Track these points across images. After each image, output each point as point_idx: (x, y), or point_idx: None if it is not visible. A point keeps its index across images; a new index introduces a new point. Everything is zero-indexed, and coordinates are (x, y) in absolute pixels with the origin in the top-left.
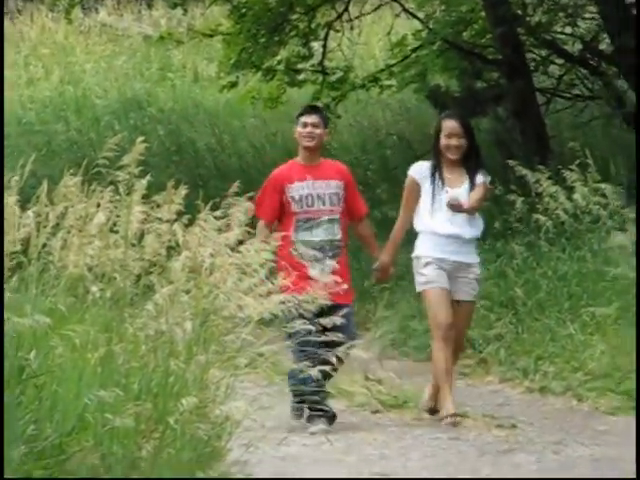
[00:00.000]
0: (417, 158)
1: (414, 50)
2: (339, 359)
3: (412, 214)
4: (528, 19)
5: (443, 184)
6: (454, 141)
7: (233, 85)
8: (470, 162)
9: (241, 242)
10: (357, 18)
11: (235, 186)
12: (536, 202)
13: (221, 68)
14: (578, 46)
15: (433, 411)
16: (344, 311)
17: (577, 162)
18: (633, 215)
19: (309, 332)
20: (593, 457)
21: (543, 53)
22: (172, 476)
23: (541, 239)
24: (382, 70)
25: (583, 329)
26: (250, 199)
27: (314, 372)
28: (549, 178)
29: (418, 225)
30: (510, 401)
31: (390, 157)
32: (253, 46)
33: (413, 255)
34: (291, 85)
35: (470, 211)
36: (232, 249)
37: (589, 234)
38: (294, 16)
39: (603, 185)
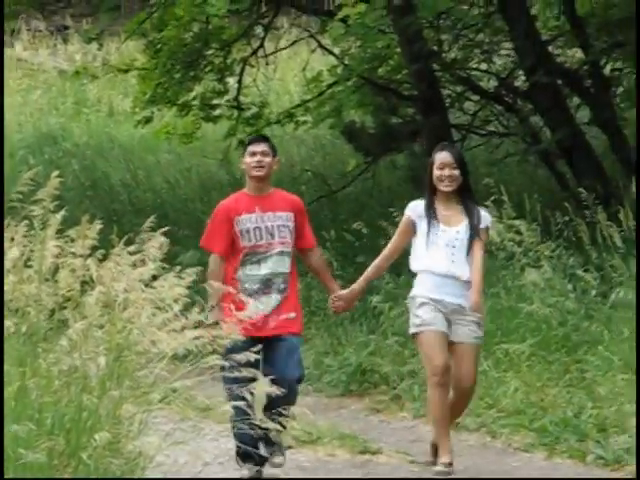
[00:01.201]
0: (332, 193)
1: (329, 86)
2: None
3: (396, 252)
4: (444, 55)
5: (438, 222)
6: (446, 171)
7: (148, 120)
8: (467, 198)
9: (155, 277)
10: (272, 54)
11: (149, 221)
12: None
13: (136, 103)
14: (493, 82)
15: (450, 465)
16: (287, 342)
17: (492, 198)
18: (547, 252)
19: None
20: None
21: (458, 89)
22: None
23: None
24: (297, 106)
25: (497, 366)
26: (165, 234)
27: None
28: None
29: (414, 265)
30: (424, 437)
31: (305, 192)
32: (168, 81)
33: (409, 295)
34: (206, 120)
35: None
36: (146, 284)
37: (503, 271)
38: (209, 52)
39: (518, 222)
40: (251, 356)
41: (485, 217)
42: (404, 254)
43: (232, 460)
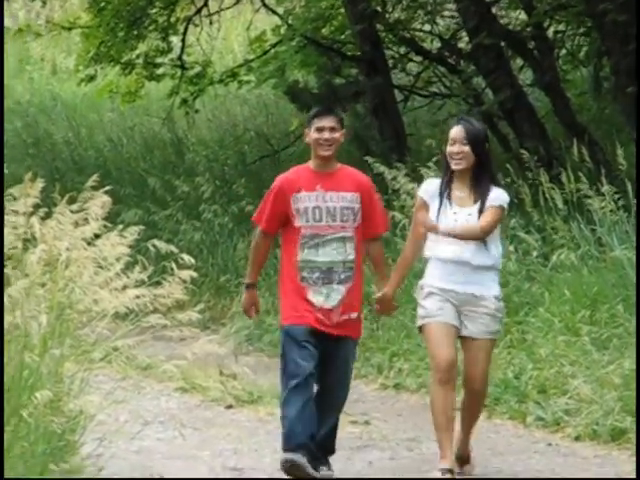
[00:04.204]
0: (275, 153)
1: (273, 46)
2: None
3: (421, 240)
4: (387, 16)
5: (450, 203)
6: (455, 148)
7: (91, 78)
8: (482, 177)
9: (97, 236)
10: (216, 13)
11: (92, 180)
12: (393, 199)
13: (79, 61)
14: (437, 44)
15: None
16: (346, 347)
17: (434, 159)
18: None
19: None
20: None
21: (402, 50)
22: (24, 468)
23: (397, 236)
24: (241, 65)
25: None
26: (107, 193)
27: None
28: (406, 175)
29: (425, 251)
30: (364, 397)
31: (248, 152)
32: (112, 40)
33: (418, 284)
34: (149, 79)
35: (463, 237)
36: (88, 243)
37: None
38: (153, 10)
39: None
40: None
41: (499, 196)
42: None
43: (173, 419)
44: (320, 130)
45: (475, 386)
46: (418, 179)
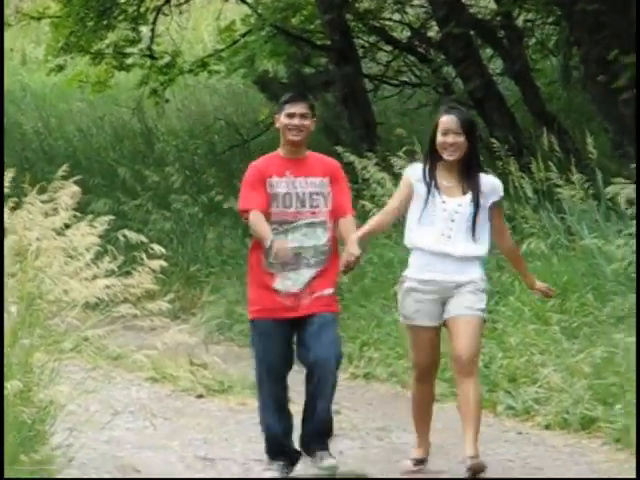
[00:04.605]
0: (245, 143)
1: (243, 35)
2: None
3: (394, 215)
4: (357, 5)
5: (439, 191)
6: (450, 138)
7: (61, 68)
8: (473, 167)
9: (67, 226)
10: (186, 2)
11: (62, 170)
12: (363, 189)
13: (49, 51)
14: (406, 33)
15: (419, 462)
16: (322, 317)
17: (404, 149)
18: None
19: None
20: None
21: (371, 39)
22: None
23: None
24: (210, 55)
25: None
26: (77, 183)
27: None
28: (376, 165)
29: (406, 239)
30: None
31: (218, 142)
32: (81, 29)
33: (401, 275)
34: (119, 69)
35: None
36: (58, 233)
37: None
38: (123, 0)
39: None
40: None
41: (496, 187)
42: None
43: (143, 409)
44: (291, 116)
45: (462, 362)
46: (388, 168)
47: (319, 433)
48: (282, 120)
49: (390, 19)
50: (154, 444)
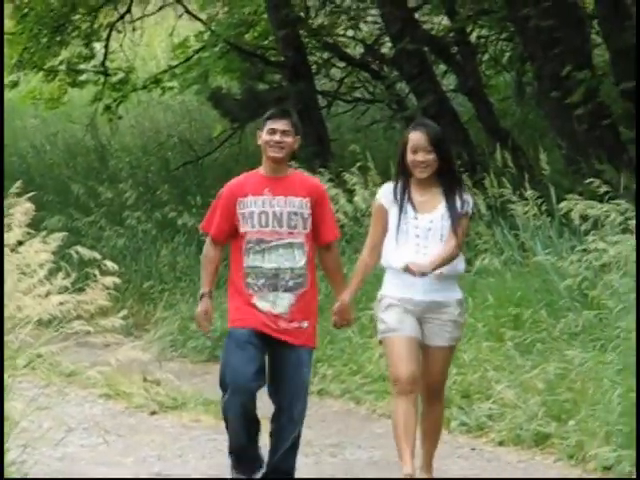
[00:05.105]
0: (198, 159)
1: (196, 52)
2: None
3: (379, 245)
4: (310, 22)
5: (412, 208)
6: (419, 156)
7: (14, 85)
8: (447, 180)
9: (20, 242)
10: (139, 19)
11: (15, 186)
12: None
13: (2, 68)
14: (360, 49)
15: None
16: (297, 354)
17: (358, 165)
18: None
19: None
20: (371, 460)
21: (325, 56)
22: None
23: None
24: (164, 71)
25: (362, 332)
26: (30, 199)
27: None
28: (330, 181)
29: (383, 260)
30: None
31: (171, 159)
32: (35, 46)
33: (378, 295)
34: (72, 85)
35: (446, 262)
36: (12, 249)
37: None
38: (76, 16)
39: None
40: None
41: (466, 200)
42: None
43: (97, 426)
44: (272, 132)
45: (432, 387)
46: (341, 184)
47: (277, 470)
48: (264, 137)
49: (344, 35)
50: (108, 461)
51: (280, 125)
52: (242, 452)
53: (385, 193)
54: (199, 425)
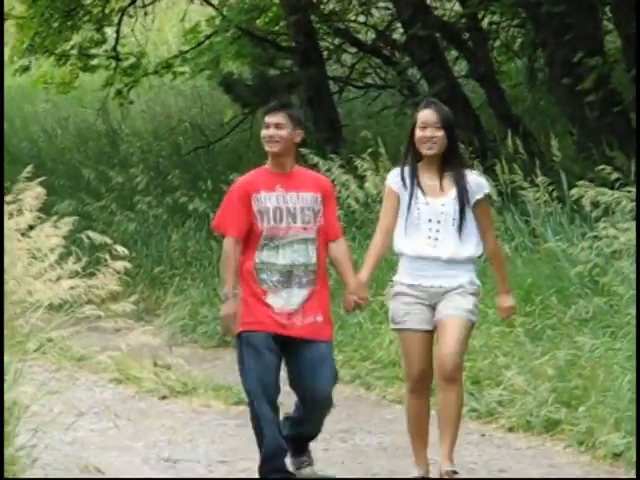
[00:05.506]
0: (210, 144)
1: (208, 37)
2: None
3: (391, 230)
4: (322, 7)
5: (422, 193)
6: (428, 132)
7: (26, 69)
8: (455, 164)
9: (31, 227)
10: (151, 4)
11: (26, 171)
12: None
13: (14, 52)
14: (371, 35)
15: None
16: (316, 349)
17: (369, 151)
18: None
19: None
20: (381, 445)
21: (336, 41)
22: None
23: None
24: (175, 56)
25: (372, 318)
26: (41, 184)
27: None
28: (341, 167)
29: (394, 246)
30: None
31: (182, 144)
32: (46, 30)
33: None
34: (84, 70)
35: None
36: (22, 234)
37: None
38: (88, 1)
39: None
40: None
41: (481, 184)
42: None
43: (107, 410)
44: (266, 126)
45: (445, 366)
46: (352, 170)
47: (303, 439)
48: (262, 132)
49: (355, 21)
50: (118, 445)
51: (274, 119)
52: (280, 453)
53: (394, 179)
54: (209, 410)
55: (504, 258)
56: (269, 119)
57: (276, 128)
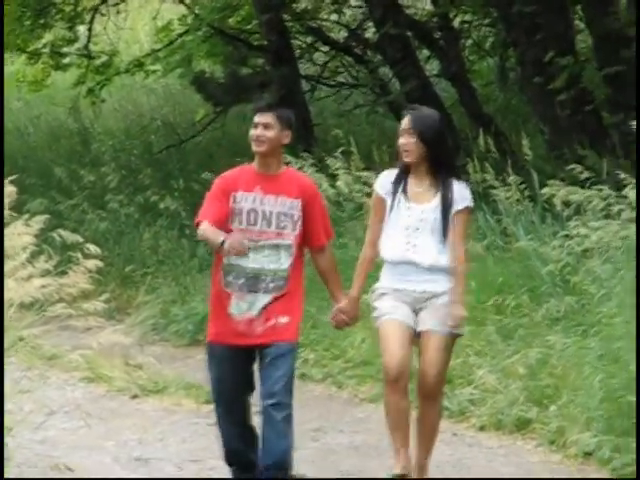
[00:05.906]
0: (181, 143)
1: (180, 35)
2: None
3: (379, 238)
4: (294, 6)
5: (406, 199)
6: (402, 140)
7: None
8: (441, 171)
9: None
10: (123, 2)
11: None
12: None
13: None
14: (343, 34)
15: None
16: (275, 348)
17: (341, 149)
18: None
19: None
20: (352, 444)
21: (308, 40)
22: None
23: None
24: (147, 55)
25: None
26: (13, 182)
27: None
28: (313, 165)
29: (380, 252)
30: None
31: (154, 142)
32: (18, 29)
33: (372, 287)
34: (56, 68)
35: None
36: None
37: (352, 221)
38: None
39: (366, 173)
40: None
41: (464, 196)
42: None
43: (78, 409)
44: (255, 126)
45: (427, 380)
46: (324, 169)
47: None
48: (250, 131)
49: (327, 19)
50: (89, 444)
51: (263, 119)
52: (235, 456)
53: (382, 183)
54: (180, 409)
55: (465, 276)
56: (258, 119)
57: (264, 128)
